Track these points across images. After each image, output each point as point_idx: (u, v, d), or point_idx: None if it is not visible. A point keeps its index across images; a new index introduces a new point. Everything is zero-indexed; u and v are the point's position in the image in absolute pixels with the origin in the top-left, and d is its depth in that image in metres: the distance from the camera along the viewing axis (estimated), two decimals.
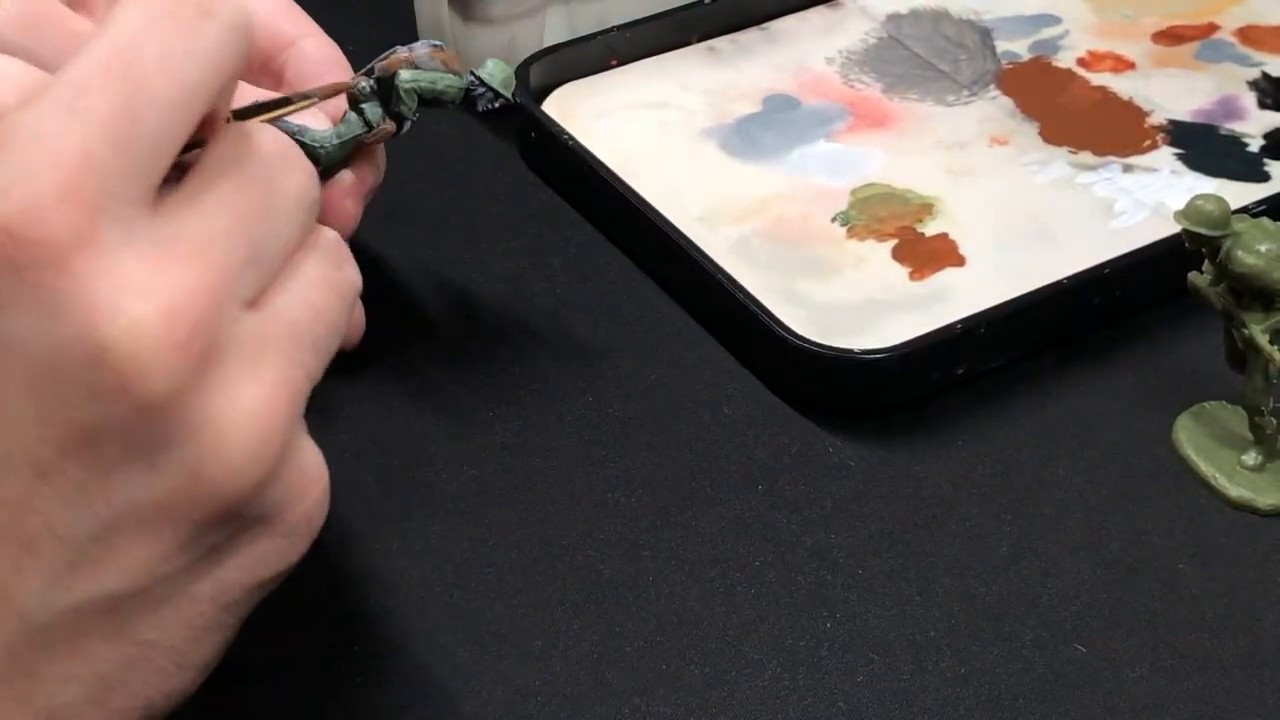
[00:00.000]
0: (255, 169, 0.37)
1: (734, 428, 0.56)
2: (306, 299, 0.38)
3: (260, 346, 0.36)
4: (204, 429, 0.34)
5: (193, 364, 0.34)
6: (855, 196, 0.64)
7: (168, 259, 0.34)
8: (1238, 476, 0.54)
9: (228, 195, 0.36)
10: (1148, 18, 0.74)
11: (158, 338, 0.33)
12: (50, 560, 0.34)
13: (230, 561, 0.36)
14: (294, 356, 0.37)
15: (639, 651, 0.49)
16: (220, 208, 0.36)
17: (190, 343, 0.34)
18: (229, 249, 0.35)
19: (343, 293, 0.39)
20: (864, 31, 0.72)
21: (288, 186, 0.38)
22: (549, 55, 0.68)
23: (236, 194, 0.36)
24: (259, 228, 0.37)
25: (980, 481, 0.54)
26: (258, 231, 0.36)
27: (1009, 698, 0.48)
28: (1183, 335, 0.59)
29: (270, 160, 0.38)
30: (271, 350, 0.36)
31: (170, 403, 0.34)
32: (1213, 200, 0.52)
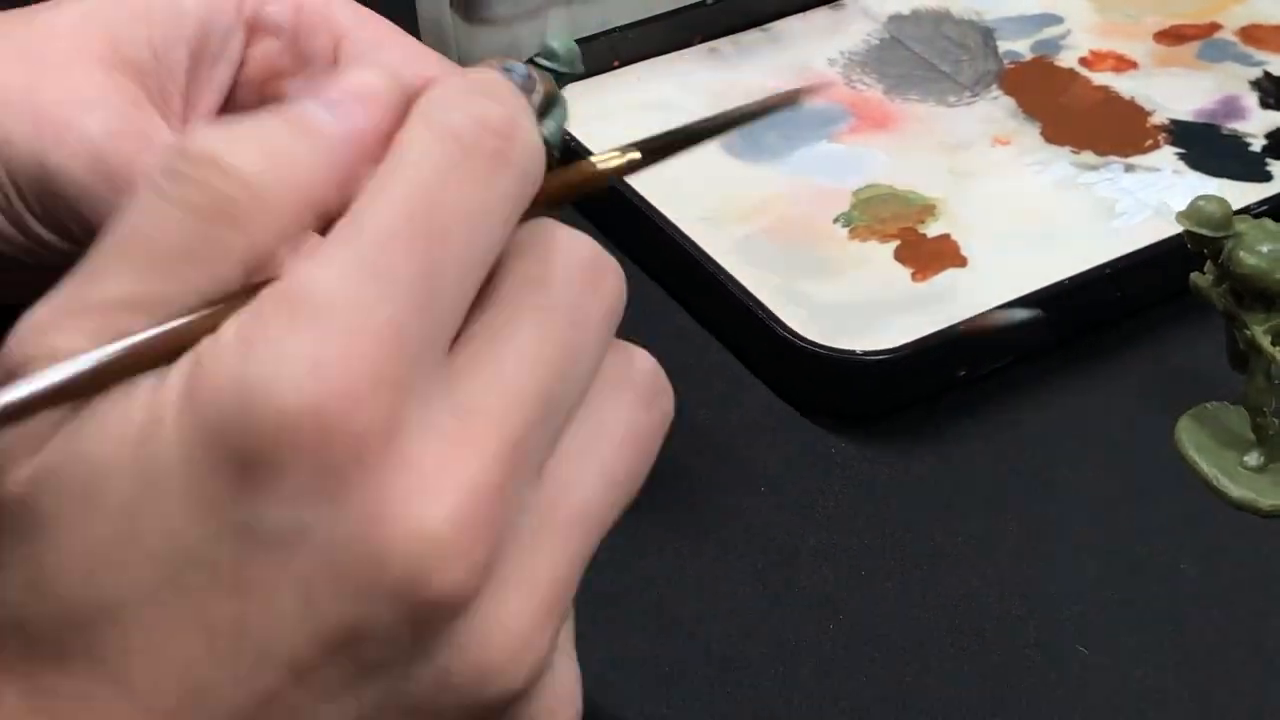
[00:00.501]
0: (560, 296, 0.32)
1: (736, 428, 0.56)
2: (604, 468, 0.32)
3: (540, 536, 0.31)
4: (467, 644, 0.30)
5: (476, 571, 0.30)
6: (857, 197, 0.64)
7: (464, 442, 0.30)
8: (1240, 477, 0.54)
9: (527, 341, 0.31)
10: (1150, 17, 0.74)
11: (444, 544, 0.29)
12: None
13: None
14: (575, 544, 0.32)
15: (641, 652, 0.49)
16: (520, 362, 0.31)
17: (476, 547, 0.30)
18: (528, 418, 0.30)
19: (650, 443, 0.33)
20: (866, 32, 0.72)
21: (594, 308, 0.32)
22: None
23: (538, 338, 0.31)
24: (559, 377, 0.31)
25: (982, 482, 0.54)
26: (558, 383, 0.31)
27: (1011, 697, 0.48)
28: (1184, 336, 0.59)
29: (575, 276, 0.32)
30: (552, 540, 0.31)
31: (444, 615, 0.30)
32: (1214, 201, 0.52)
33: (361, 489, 0.29)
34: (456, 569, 0.29)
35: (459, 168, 0.31)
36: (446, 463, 0.30)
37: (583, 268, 0.32)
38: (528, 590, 0.31)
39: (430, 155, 0.31)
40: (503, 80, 0.33)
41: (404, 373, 0.29)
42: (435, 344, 0.30)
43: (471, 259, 0.31)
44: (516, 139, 0.32)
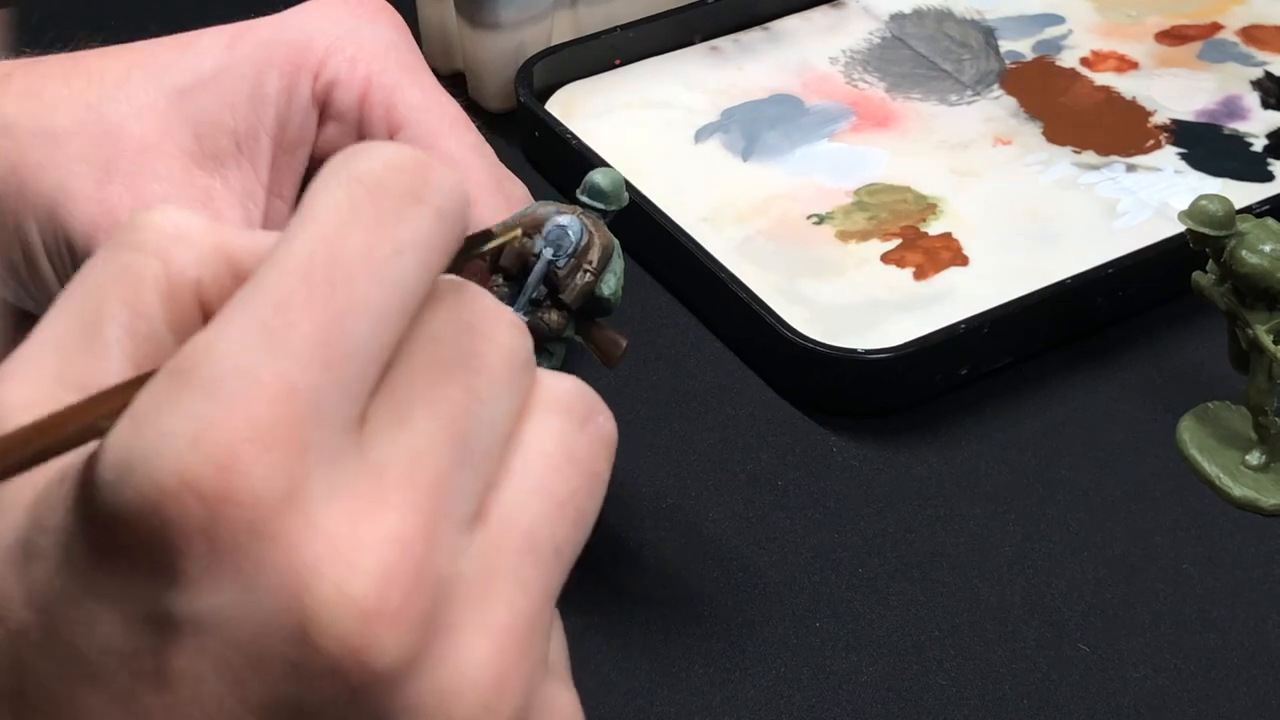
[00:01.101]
0: (458, 345, 0.30)
1: (737, 427, 0.56)
2: (545, 490, 0.30)
3: (489, 576, 0.29)
4: (425, 703, 0.28)
5: (413, 633, 0.28)
6: (859, 196, 0.64)
7: (378, 500, 0.28)
8: (1241, 476, 0.54)
9: (432, 391, 0.29)
10: (1151, 17, 0.74)
11: (370, 608, 0.27)
12: None
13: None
14: (532, 575, 0.30)
15: (642, 651, 0.49)
16: (427, 412, 0.29)
17: (408, 607, 0.28)
18: (440, 463, 0.29)
19: (593, 462, 0.31)
20: (867, 31, 0.72)
21: (493, 356, 0.31)
22: (552, 55, 0.68)
23: (435, 385, 0.29)
24: (470, 419, 0.30)
25: (984, 481, 0.54)
26: (469, 425, 0.30)
27: (1012, 698, 0.48)
28: (1186, 335, 0.59)
29: (470, 327, 0.30)
30: (503, 577, 0.29)
31: (387, 682, 0.28)
32: (1217, 200, 0.52)
33: (268, 565, 0.27)
34: (392, 633, 0.28)
35: (363, 212, 0.29)
36: (361, 523, 0.28)
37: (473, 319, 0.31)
38: (489, 632, 0.29)
39: (333, 203, 0.29)
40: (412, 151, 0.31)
41: (302, 434, 0.27)
42: (343, 401, 0.28)
43: (384, 306, 0.29)
44: (430, 178, 0.30)
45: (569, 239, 0.44)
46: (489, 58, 0.68)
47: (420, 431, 0.29)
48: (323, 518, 0.27)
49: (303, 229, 0.29)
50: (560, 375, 0.32)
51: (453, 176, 0.30)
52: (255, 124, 0.47)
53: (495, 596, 0.29)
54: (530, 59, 0.67)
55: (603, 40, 0.69)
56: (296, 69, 0.48)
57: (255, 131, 0.47)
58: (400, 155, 0.30)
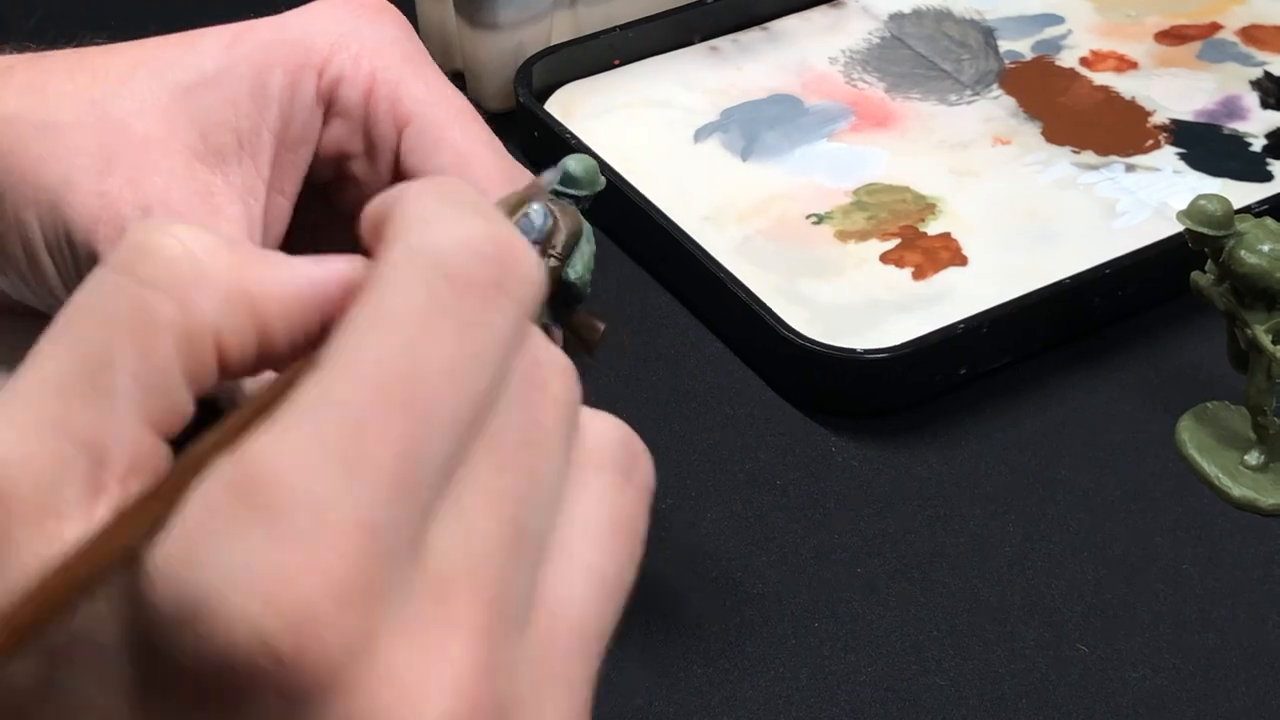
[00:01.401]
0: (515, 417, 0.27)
1: (737, 427, 0.56)
2: (590, 573, 0.28)
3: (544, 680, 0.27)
4: None
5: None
6: (858, 196, 0.64)
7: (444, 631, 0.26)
8: (1241, 476, 0.54)
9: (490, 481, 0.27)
10: (1150, 17, 0.74)
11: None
12: None
13: None
14: (582, 673, 0.28)
15: (642, 652, 0.49)
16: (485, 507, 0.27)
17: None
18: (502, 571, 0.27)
19: (636, 519, 0.29)
20: (866, 31, 0.72)
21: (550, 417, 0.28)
22: (552, 55, 0.68)
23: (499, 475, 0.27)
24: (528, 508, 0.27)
25: (983, 481, 0.54)
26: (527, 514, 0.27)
27: (1012, 698, 0.48)
28: (1185, 335, 0.59)
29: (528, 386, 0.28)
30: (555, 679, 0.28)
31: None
32: (1215, 200, 0.52)
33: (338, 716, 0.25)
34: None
35: (447, 312, 0.26)
36: (431, 660, 0.26)
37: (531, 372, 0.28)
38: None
39: (413, 297, 0.26)
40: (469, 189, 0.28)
41: (378, 580, 0.25)
42: (413, 534, 0.26)
43: (461, 420, 0.26)
44: (513, 265, 0.27)
45: (531, 226, 0.44)
46: (488, 58, 0.68)
47: (480, 533, 0.27)
48: (395, 665, 0.25)
49: (379, 324, 0.26)
50: (600, 416, 0.29)
51: (532, 256, 0.27)
52: (258, 121, 0.47)
53: (550, 700, 0.27)
54: (529, 59, 0.67)
55: (602, 40, 0.69)
56: (300, 67, 0.48)
57: (258, 128, 0.47)
58: (483, 237, 0.27)
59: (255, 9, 0.51)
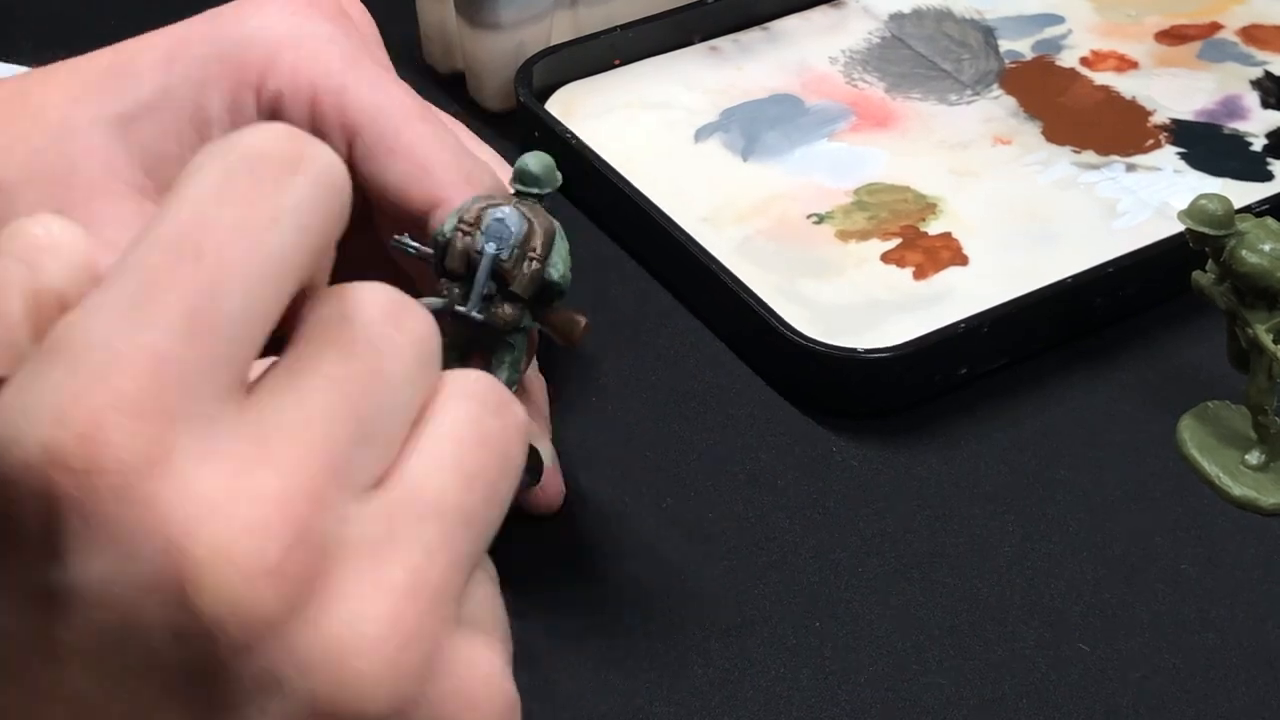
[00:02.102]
0: (365, 329, 0.31)
1: (737, 427, 0.56)
2: (454, 463, 0.31)
3: (386, 538, 0.30)
4: (317, 658, 0.28)
5: (292, 587, 0.28)
6: (858, 196, 0.64)
7: (258, 460, 0.29)
8: (1241, 476, 0.54)
9: (327, 369, 0.30)
10: (1150, 17, 0.74)
11: (245, 563, 0.28)
12: None
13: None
14: (436, 539, 0.30)
15: (641, 652, 0.48)
16: (320, 386, 0.30)
17: (286, 562, 0.28)
18: (332, 434, 0.29)
19: (504, 444, 0.32)
20: (867, 31, 0.72)
21: (401, 340, 0.31)
22: (552, 55, 0.68)
23: (337, 365, 0.30)
24: (370, 400, 0.30)
25: (983, 481, 0.54)
26: (368, 404, 0.30)
27: (1012, 698, 0.48)
28: (1186, 335, 0.59)
29: (384, 315, 0.31)
30: (404, 538, 0.30)
31: (270, 636, 0.28)
32: (1216, 199, 0.52)
33: (141, 528, 0.27)
34: (271, 587, 0.28)
35: (238, 180, 0.30)
36: (237, 482, 0.28)
37: (384, 306, 0.31)
38: (384, 590, 0.29)
39: (206, 178, 0.30)
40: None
41: (169, 402, 0.28)
42: (215, 371, 0.29)
43: (259, 275, 0.29)
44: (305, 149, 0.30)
45: (509, 230, 0.44)
46: (489, 58, 0.67)
47: (315, 403, 0.30)
48: (197, 480, 0.28)
49: (170, 207, 0.29)
50: (474, 371, 0.33)
51: (329, 150, 0.31)
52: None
53: (393, 557, 0.30)
54: (530, 59, 0.67)
55: (602, 40, 0.69)
56: (238, 85, 0.47)
57: None
58: (274, 130, 0.31)
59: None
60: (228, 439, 0.29)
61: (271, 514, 0.28)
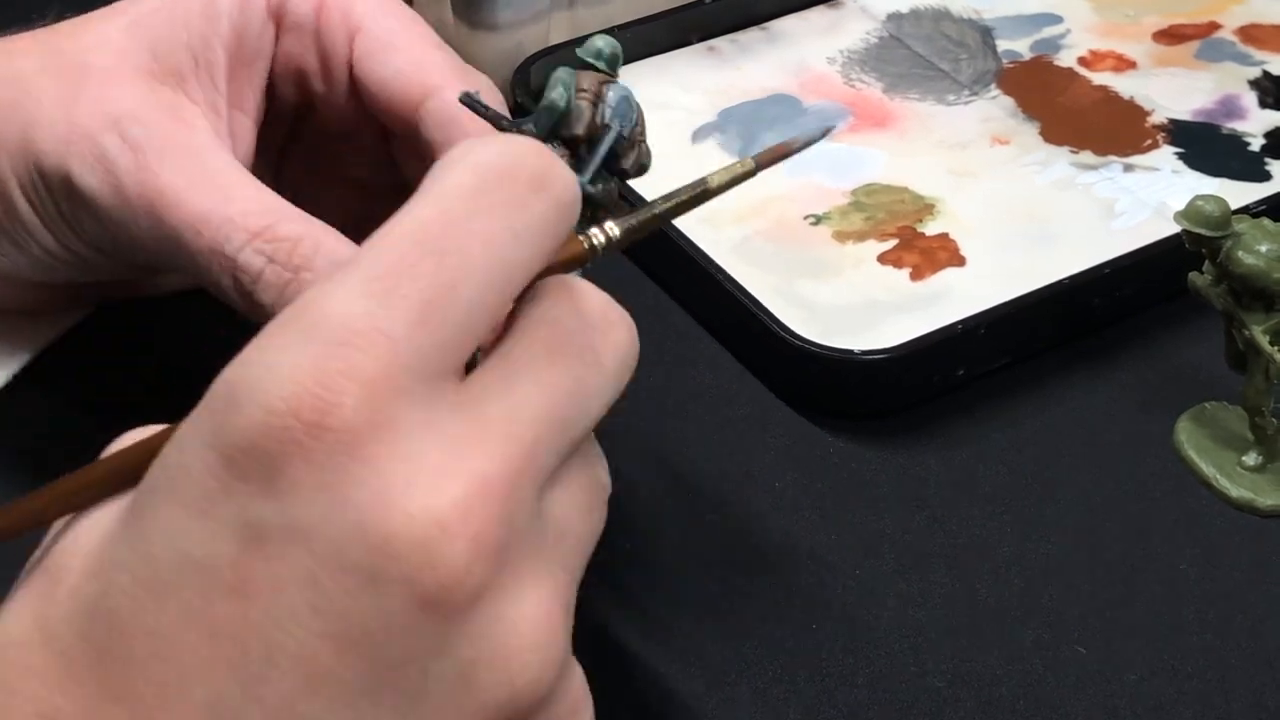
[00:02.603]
0: (575, 336, 0.33)
1: (734, 428, 0.56)
2: (578, 499, 0.34)
3: (545, 544, 0.32)
4: (487, 635, 0.31)
5: (487, 561, 0.30)
6: (856, 197, 0.64)
7: (472, 442, 0.31)
8: (1239, 477, 0.54)
9: (543, 369, 0.33)
10: (1149, 17, 0.74)
11: (450, 529, 0.30)
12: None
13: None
14: (567, 560, 0.33)
15: (637, 654, 0.48)
16: (534, 385, 0.32)
17: (485, 537, 0.30)
18: (539, 434, 0.32)
19: (602, 496, 0.35)
20: (865, 31, 0.72)
21: (607, 356, 0.34)
22: (550, 55, 0.68)
23: (552, 367, 0.33)
24: (572, 408, 0.33)
25: (981, 482, 0.54)
26: (572, 410, 0.33)
27: (1009, 699, 0.48)
28: (1184, 336, 0.59)
29: (592, 324, 0.34)
30: (549, 549, 0.32)
31: (457, 602, 0.30)
32: (1213, 201, 0.52)
33: (358, 482, 0.30)
34: (461, 553, 0.30)
35: (489, 193, 0.32)
36: (452, 458, 0.30)
37: (599, 317, 0.34)
38: (544, 589, 0.31)
39: (458, 182, 0.32)
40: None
41: (396, 377, 0.30)
42: (441, 358, 0.31)
43: (492, 280, 0.32)
44: (554, 169, 0.33)
45: (631, 110, 0.44)
46: (486, 58, 0.67)
47: (525, 399, 0.32)
48: (416, 449, 0.30)
49: (426, 201, 0.32)
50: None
51: (568, 172, 0.33)
52: (210, 37, 0.48)
53: (549, 561, 0.32)
54: (527, 59, 0.67)
55: None
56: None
57: (211, 45, 0.48)
58: (527, 147, 0.33)
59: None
60: (446, 418, 0.31)
61: (477, 491, 0.30)
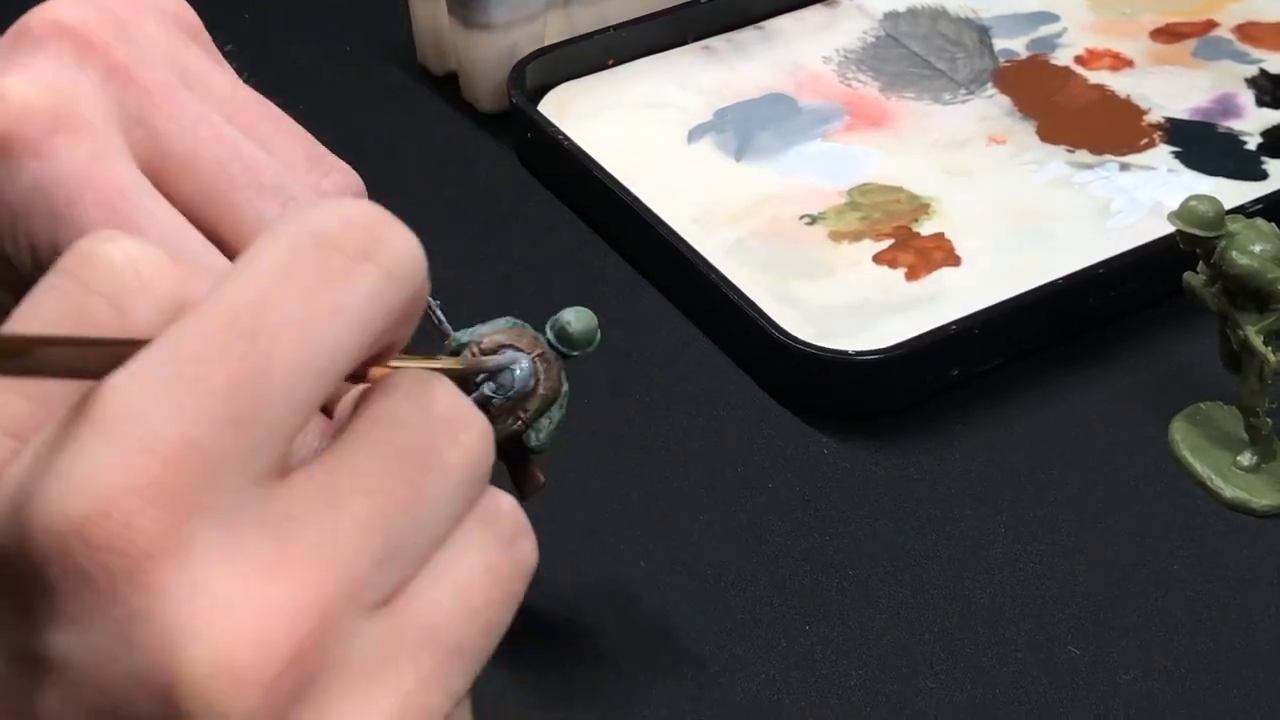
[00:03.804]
0: (417, 438, 0.30)
1: (728, 429, 0.56)
2: (461, 595, 0.30)
3: (386, 658, 0.29)
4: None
5: (283, 704, 0.27)
6: (852, 196, 0.64)
7: (275, 566, 0.28)
8: (1233, 477, 0.54)
9: (374, 476, 0.29)
10: (1146, 15, 0.74)
11: (242, 673, 0.27)
12: None
13: None
14: (430, 670, 0.29)
15: (633, 655, 0.48)
16: (357, 499, 0.29)
17: (282, 679, 0.27)
18: (359, 549, 0.28)
19: (511, 582, 0.31)
20: (861, 30, 0.72)
21: (453, 459, 0.30)
22: (545, 55, 0.68)
23: (382, 474, 0.29)
24: (406, 517, 0.29)
25: (975, 483, 0.54)
26: (404, 522, 0.29)
27: (1003, 700, 0.48)
28: (1179, 336, 0.59)
29: (439, 425, 0.30)
30: (401, 663, 0.29)
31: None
32: (1207, 201, 0.52)
33: (147, 617, 0.27)
34: (255, 699, 0.27)
35: (306, 267, 0.28)
36: (253, 585, 0.27)
37: (444, 417, 0.30)
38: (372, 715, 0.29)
39: (273, 255, 0.29)
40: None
41: (194, 493, 0.27)
42: (248, 459, 0.28)
43: (306, 368, 0.28)
44: (385, 235, 0.29)
45: (511, 382, 0.43)
46: (482, 58, 0.67)
47: (348, 515, 0.29)
48: (209, 578, 0.27)
49: (237, 278, 0.28)
50: (501, 495, 0.31)
51: (411, 239, 0.30)
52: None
53: (387, 682, 0.29)
54: (523, 59, 0.67)
55: (596, 40, 0.69)
56: None
57: None
58: (353, 211, 0.29)
59: None
60: (251, 535, 0.28)
61: (277, 628, 0.27)
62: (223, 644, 0.27)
